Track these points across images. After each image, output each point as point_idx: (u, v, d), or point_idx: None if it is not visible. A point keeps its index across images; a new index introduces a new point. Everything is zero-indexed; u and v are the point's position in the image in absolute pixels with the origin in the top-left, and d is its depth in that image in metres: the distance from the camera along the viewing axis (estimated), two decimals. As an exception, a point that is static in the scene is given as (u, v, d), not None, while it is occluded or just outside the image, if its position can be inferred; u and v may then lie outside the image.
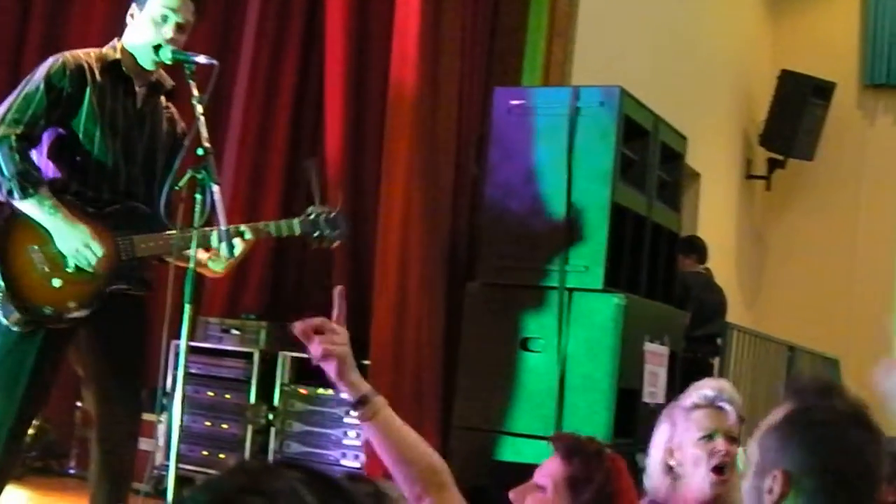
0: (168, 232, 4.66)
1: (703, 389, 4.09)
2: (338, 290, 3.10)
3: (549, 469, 3.18)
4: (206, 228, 4.55)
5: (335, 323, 3.04)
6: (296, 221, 4.86)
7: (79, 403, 7.05)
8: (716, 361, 9.73)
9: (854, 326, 13.53)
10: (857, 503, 2.46)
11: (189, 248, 4.42)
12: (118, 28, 4.95)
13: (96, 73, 4.77)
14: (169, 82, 5.00)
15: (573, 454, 3.17)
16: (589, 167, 6.23)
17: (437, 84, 6.88)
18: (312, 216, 4.86)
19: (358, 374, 3.04)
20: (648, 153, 6.76)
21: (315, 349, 2.93)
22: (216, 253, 4.66)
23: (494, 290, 6.40)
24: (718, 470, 3.87)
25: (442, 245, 6.88)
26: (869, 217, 13.99)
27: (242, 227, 4.73)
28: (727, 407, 4.01)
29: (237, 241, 4.66)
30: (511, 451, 6.16)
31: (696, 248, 9.75)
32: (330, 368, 2.95)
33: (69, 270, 4.63)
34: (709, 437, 3.95)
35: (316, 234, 4.88)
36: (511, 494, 3.23)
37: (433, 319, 6.74)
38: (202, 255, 4.63)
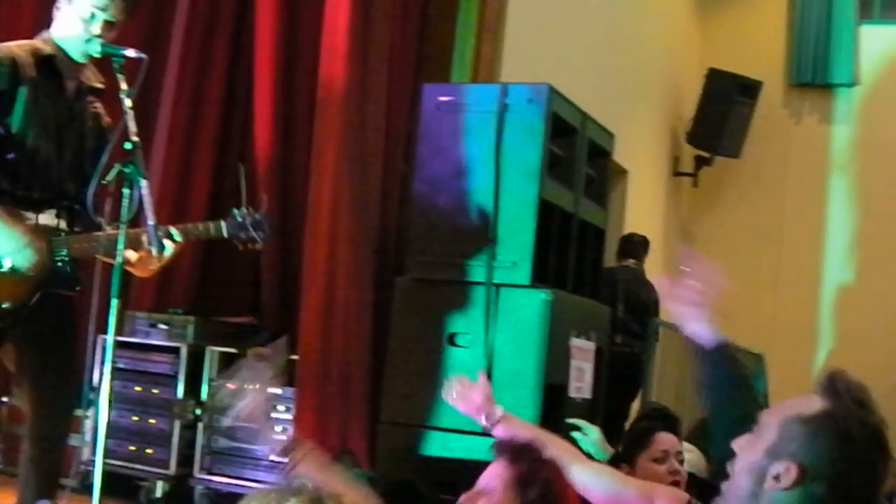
0: (99, 233, 4.65)
1: None
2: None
3: (496, 472, 3.25)
4: (137, 230, 4.56)
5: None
6: (223, 224, 4.91)
7: (5, 399, 7.01)
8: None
9: (779, 322, 13.69)
10: None
11: (118, 248, 4.43)
12: (48, 20, 4.92)
13: (30, 67, 4.74)
14: (99, 82, 4.99)
15: (518, 456, 3.25)
16: (517, 164, 6.27)
17: (367, 80, 6.89)
18: (239, 218, 4.91)
19: None
20: (576, 150, 6.82)
21: None
22: (147, 253, 4.65)
23: (422, 285, 6.43)
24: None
25: (370, 240, 6.89)
26: (794, 214, 14.16)
27: (171, 230, 4.74)
28: None
29: (167, 243, 4.67)
30: (438, 445, 6.19)
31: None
32: None
33: (3, 270, 4.61)
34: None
35: (242, 237, 4.92)
36: (461, 500, 3.29)
37: (361, 315, 6.75)
38: (131, 254, 4.63)
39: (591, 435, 5.16)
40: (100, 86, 4.99)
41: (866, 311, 13.50)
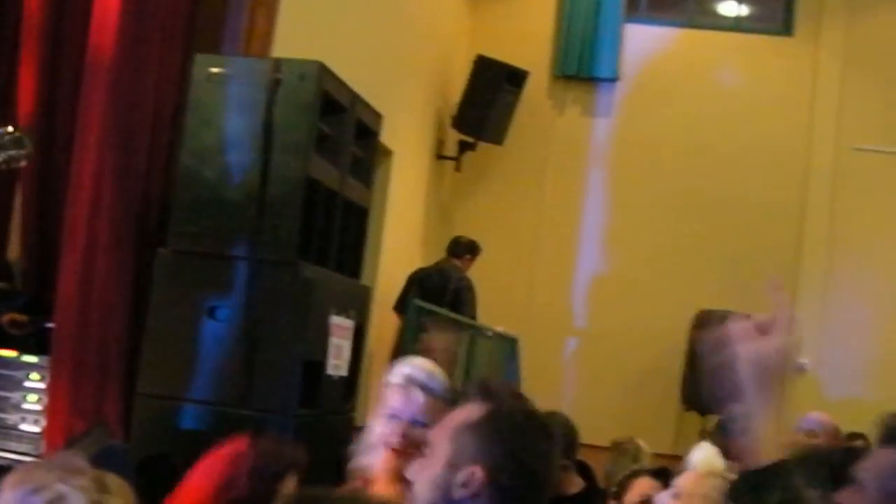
0: None
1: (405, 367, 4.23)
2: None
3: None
4: None
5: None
6: None
7: None
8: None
9: (533, 308, 14.03)
10: (541, 500, 2.65)
11: None
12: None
13: None
14: None
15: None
16: (285, 140, 6.27)
17: (137, 46, 6.80)
18: None
19: None
20: (344, 129, 6.85)
21: None
22: None
23: (185, 257, 6.39)
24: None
25: (133, 209, 6.82)
26: (553, 203, 14.52)
27: None
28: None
29: None
30: (194, 419, 6.18)
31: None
32: None
33: None
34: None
35: (1, 158, 4.72)
36: None
37: (121, 283, 6.67)
38: None
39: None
40: None
41: (617, 300, 13.95)
